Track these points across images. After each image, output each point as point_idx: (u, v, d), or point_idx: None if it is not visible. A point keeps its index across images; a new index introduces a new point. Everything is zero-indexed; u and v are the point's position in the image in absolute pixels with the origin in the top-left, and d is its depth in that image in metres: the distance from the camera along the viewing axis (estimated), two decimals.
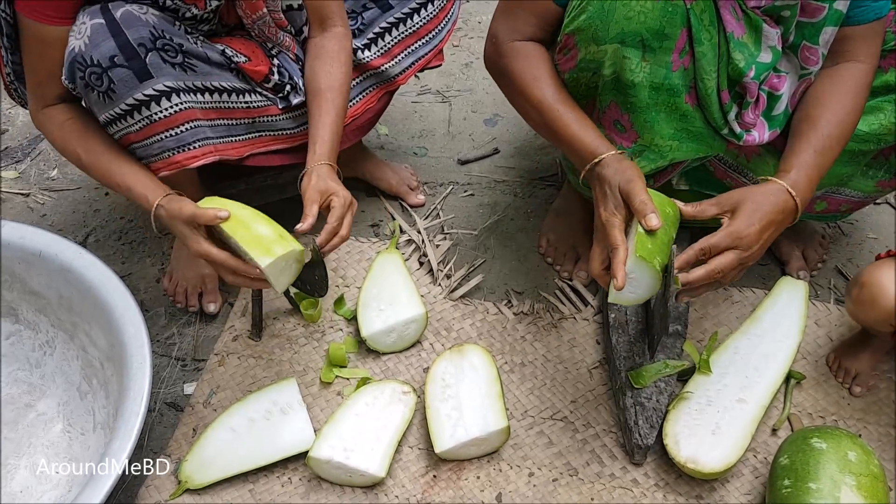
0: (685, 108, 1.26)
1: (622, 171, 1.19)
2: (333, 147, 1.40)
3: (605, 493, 1.36)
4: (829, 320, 1.59)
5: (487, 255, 1.75)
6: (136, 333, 1.32)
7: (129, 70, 1.24)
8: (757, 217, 1.16)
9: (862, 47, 1.25)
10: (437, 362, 1.46)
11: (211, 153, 1.40)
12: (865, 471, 1.19)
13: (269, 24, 1.42)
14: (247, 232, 1.26)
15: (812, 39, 1.26)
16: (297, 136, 1.54)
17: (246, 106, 1.43)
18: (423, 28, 1.60)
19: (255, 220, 1.29)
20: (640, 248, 1.13)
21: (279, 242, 1.27)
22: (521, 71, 1.31)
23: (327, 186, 1.34)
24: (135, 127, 1.31)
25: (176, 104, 1.31)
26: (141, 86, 1.26)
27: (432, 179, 1.94)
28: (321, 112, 1.41)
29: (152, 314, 1.65)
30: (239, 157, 1.46)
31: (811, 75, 1.29)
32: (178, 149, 1.35)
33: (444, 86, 2.20)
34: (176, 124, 1.33)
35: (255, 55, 1.42)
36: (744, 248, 1.16)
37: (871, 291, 1.27)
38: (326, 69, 1.43)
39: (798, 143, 1.24)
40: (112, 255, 1.78)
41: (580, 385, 1.51)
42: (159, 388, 1.53)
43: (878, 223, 1.80)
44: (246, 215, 1.30)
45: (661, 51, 1.20)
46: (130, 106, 1.27)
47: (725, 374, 1.42)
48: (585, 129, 1.26)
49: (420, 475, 1.39)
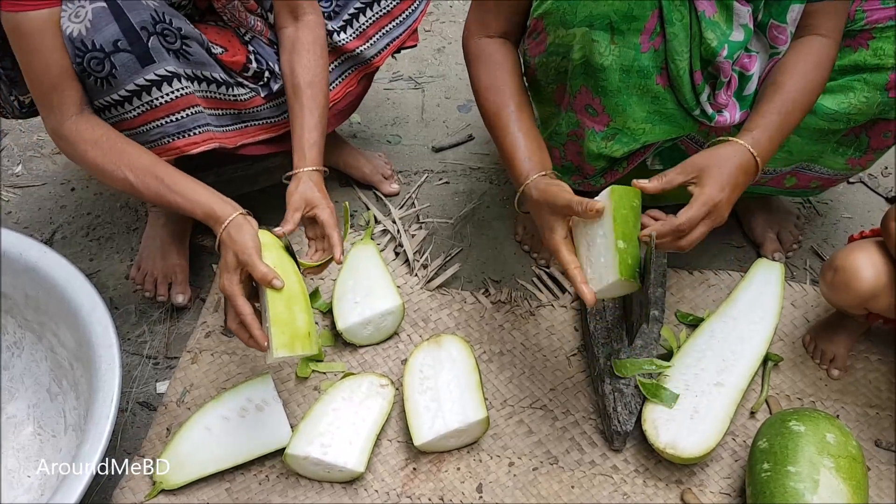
0: (656, 89, 1.25)
1: (546, 188, 1.19)
2: (321, 148, 1.38)
3: (586, 480, 1.36)
4: (806, 301, 1.59)
5: (464, 244, 1.74)
6: (104, 333, 1.29)
7: (131, 55, 1.20)
8: (725, 180, 1.16)
9: (826, 22, 1.24)
10: (415, 354, 1.44)
11: (211, 139, 1.37)
12: (844, 452, 1.20)
13: (239, 8, 1.39)
14: (284, 311, 1.19)
15: (780, 17, 1.25)
16: (280, 125, 1.52)
17: (234, 99, 1.41)
18: (396, 8, 1.58)
19: (296, 302, 1.22)
20: (623, 269, 1.12)
21: (303, 342, 1.19)
22: (479, 77, 1.33)
23: (313, 197, 1.32)
24: (132, 113, 1.27)
25: (177, 89, 1.28)
26: (143, 70, 1.22)
27: (406, 168, 1.92)
28: (304, 111, 1.37)
29: (122, 311, 1.61)
30: (234, 145, 1.44)
31: (780, 54, 1.28)
32: (179, 134, 1.32)
33: (417, 72, 2.17)
34: (177, 109, 1.30)
35: (230, 44, 1.40)
36: (716, 215, 1.16)
37: (846, 275, 1.27)
38: (304, 63, 1.40)
39: (760, 106, 1.24)
40: (80, 252, 1.74)
41: (559, 372, 1.50)
42: (131, 388, 1.50)
43: (852, 203, 1.81)
44: (294, 290, 1.23)
45: (630, 32, 1.18)
46: (130, 91, 1.24)
47: (703, 358, 1.42)
48: (523, 149, 1.26)
49: (400, 468, 1.37)
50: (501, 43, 1.33)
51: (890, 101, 1.30)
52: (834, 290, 1.32)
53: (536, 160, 1.25)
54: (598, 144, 1.33)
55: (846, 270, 1.28)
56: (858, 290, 1.26)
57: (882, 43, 1.26)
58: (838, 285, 1.30)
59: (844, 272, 1.28)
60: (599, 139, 1.33)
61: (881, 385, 1.46)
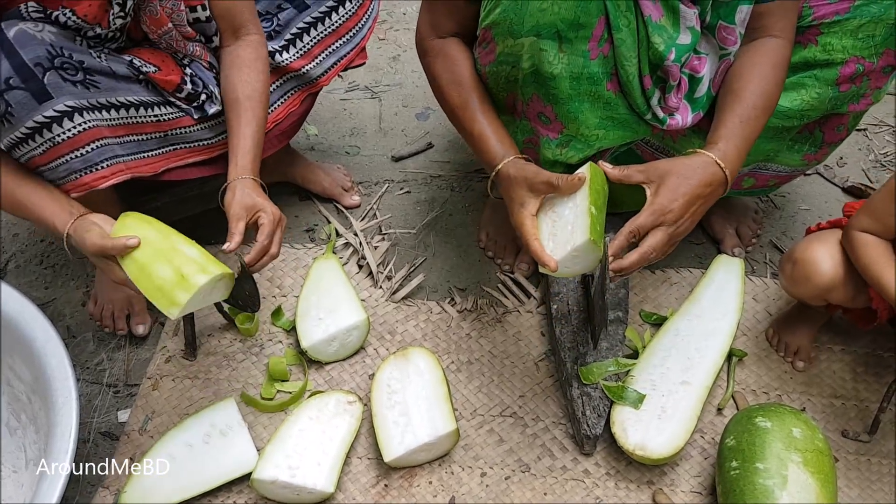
0: (608, 95, 1.25)
1: (524, 167, 1.23)
2: (255, 158, 1.35)
3: (558, 486, 1.35)
4: (767, 295, 1.60)
5: (427, 254, 1.73)
6: (60, 366, 1.26)
7: (26, 92, 1.17)
8: (681, 191, 1.16)
9: (777, 22, 1.25)
10: (382, 368, 1.43)
11: (122, 171, 1.33)
12: (811, 446, 1.20)
13: (177, 37, 1.35)
14: (148, 280, 1.18)
15: (728, 19, 1.25)
16: (216, 147, 1.47)
17: (156, 119, 1.36)
18: (342, 26, 1.56)
19: (159, 257, 1.19)
20: (593, 231, 1.13)
21: (182, 284, 1.17)
22: (438, 73, 1.34)
23: (253, 202, 1.29)
24: (38, 150, 1.23)
25: (79, 124, 1.24)
26: (41, 107, 1.19)
27: (367, 179, 1.90)
28: (240, 122, 1.36)
29: (80, 340, 1.58)
30: (154, 172, 1.40)
31: (730, 55, 1.29)
32: (86, 170, 1.28)
33: (373, 81, 2.16)
34: (81, 144, 1.26)
35: (164, 64, 1.35)
36: (670, 224, 1.16)
37: (805, 268, 1.29)
38: (243, 78, 1.38)
39: (724, 116, 1.24)
40: (34, 281, 1.69)
41: (527, 378, 1.50)
42: (92, 417, 1.46)
43: (809, 194, 1.83)
44: (156, 242, 1.21)
45: (578, 40, 1.18)
46: (31, 129, 1.20)
47: (668, 357, 1.42)
48: (493, 135, 1.29)
49: (371, 486, 1.36)
50: (456, 41, 1.34)
51: (841, 95, 1.31)
52: (793, 282, 1.33)
53: (507, 144, 1.28)
54: (553, 152, 1.33)
55: (805, 263, 1.29)
56: (818, 282, 1.28)
57: (830, 38, 1.27)
58: (798, 278, 1.31)
59: (803, 265, 1.29)
60: (554, 146, 1.32)
61: (845, 375, 1.48)
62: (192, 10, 1.34)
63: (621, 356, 1.44)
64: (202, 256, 1.22)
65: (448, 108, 1.35)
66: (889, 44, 1.25)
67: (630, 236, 1.16)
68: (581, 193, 1.18)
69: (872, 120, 2.00)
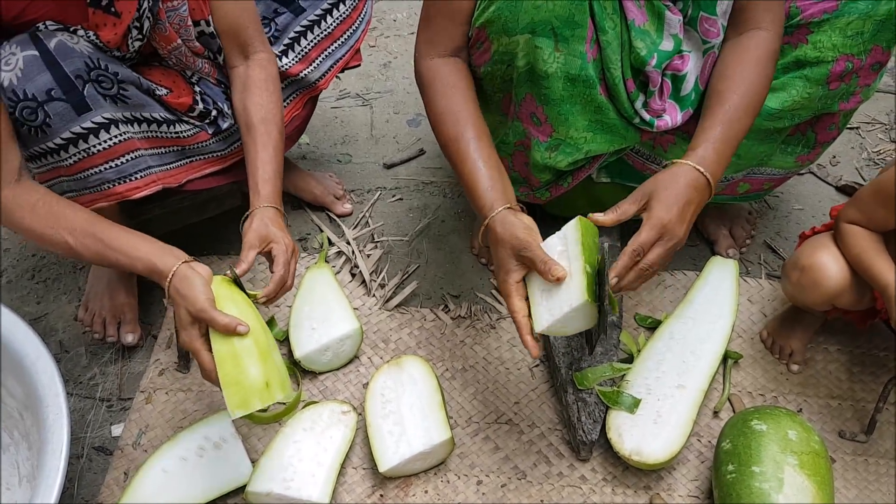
0: (600, 100, 1.24)
1: (513, 227, 1.16)
2: (276, 186, 1.34)
3: (555, 493, 1.35)
4: (762, 296, 1.60)
5: (421, 261, 1.72)
6: (50, 382, 1.25)
7: (66, 104, 1.18)
8: (672, 200, 1.14)
9: (764, 14, 1.24)
10: (376, 378, 1.42)
11: (154, 182, 1.36)
12: (807, 448, 1.20)
13: (186, 53, 1.36)
14: (232, 369, 1.14)
15: (709, 10, 1.25)
16: (228, 157, 1.49)
17: (176, 136, 1.38)
18: (337, 29, 1.56)
19: (247, 354, 1.15)
20: (590, 292, 1.10)
21: (261, 394, 1.13)
22: (433, 102, 1.28)
23: (268, 233, 1.29)
24: (68, 161, 1.24)
25: (115, 135, 1.26)
26: (79, 119, 1.20)
27: (359, 186, 1.90)
28: (258, 148, 1.34)
29: (73, 354, 1.57)
30: (178, 183, 1.42)
31: (714, 48, 1.28)
32: (119, 180, 1.30)
33: (364, 88, 2.15)
34: (116, 155, 1.28)
35: (175, 85, 1.37)
36: (670, 236, 1.15)
37: (813, 274, 1.27)
38: (256, 101, 1.37)
39: (705, 121, 1.23)
40: (26, 296, 1.69)
41: (522, 385, 1.49)
42: (85, 433, 1.46)
43: (802, 194, 1.82)
44: (246, 341, 1.15)
45: (574, 39, 1.17)
46: (66, 140, 1.21)
47: (663, 361, 1.42)
48: (484, 177, 1.21)
49: (366, 497, 1.35)
50: (454, 63, 1.29)
51: (831, 93, 1.31)
52: (801, 289, 1.31)
53: (499, 189, 1.21)
54: (543, 155, 1.32)
55: (813, 269, 1.28)
56: (827, 287, 1.27)
57: (821, 36, 1.26)
58: (806, 285, 1.30)
59: (811, 271, 1.28)
60: (543, 150, 1.32)
61: (841, 375, 1.47)
62: (196, 25, 1.34)
63: (616, 361, 1.43)
64: (284, 369, 1.20)
65: (441, 141, 1.28)
66: (877, 40, 1.25)
67: (634, 255, 1.13)
68: (573, 251, 1.13)
69: (865, 118, 1.99)
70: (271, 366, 1.17)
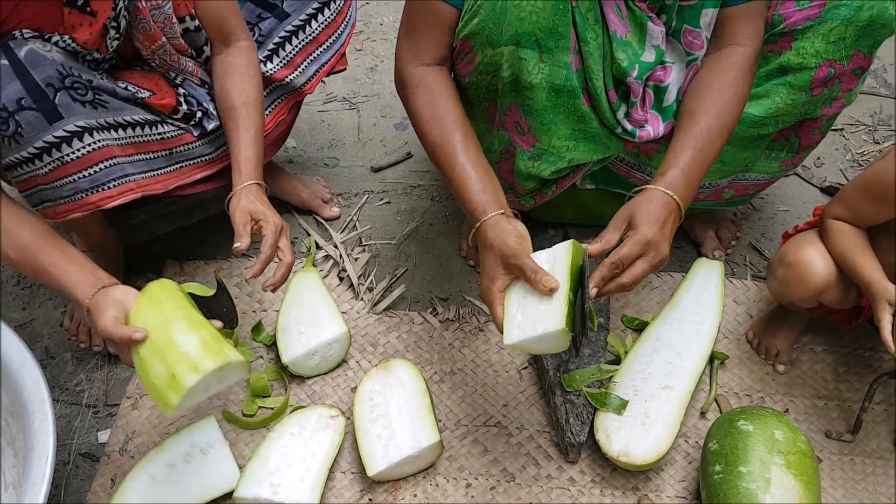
0: (583, 109, 1.25)
1: (504, 233, 1.15)
2: (257, 164, 1.35)
3: (543, 495, 1.35)
4: (748, 297, 1.61)
5: (409, 264, 1.72)
6: (36, 388, 1.24)
7: (37, 112, 1.17)
8: (654, 219, 1.14)
9: (743, 29, 1.24)
10: (364, 381, 1.42)
11: (132, 190, 1.34)
12: (793, 448, 1.21)
13: (170, 51, 1.36)
14: (146, 376, 1.11)
15: (693, 22, 1.25)
16: (217, 161, 1.49)
17: (160, 137, 1.37)
18: (322, 34, 1.56)
19: (154, 352, 1.11)
20: (569, 321, 1.08)
21: (171, 386, 1.09)
22: (418, 108, 1.27)
23: (255, 209, 1.30)
24: (43, 170, 1.23)
25: (89, 144, 1.24)
26: (51, 128, 1.19)
27: (346, 190, 1.89)
28: (239, 130, 1.36)
29: (59, 360, 1.56)
30: (165, 189, 1.41)
31: (698, 60, 1.29)
32: (92, 189, 1.28)
33: (351, 92, 2.15)
34: (90, 164, 1.26)
35: (158, 87, 1.37)
36: (655, 252, 1.14)
37: (800, 270, 1.28)
38: (238, 85, 1.38)
39: (676, 141, 1.22)
40: (12, 302, 1.67)
41: (511, 387, 1.49)
42: (72, 439, 1.45)
43: (787, 195, 1.84)
44: (155, 334, 1.13)
45: (558, 50, 1.18)
46: (39, 149, 1.20)
47: (650, 363, 1.42)
48: (475, 181, 1.20)
49: (355, 501, 1.35)
50: (438, 72, 1.28)
51: (814, 99, 1.32)
52: (787, 285, 1.32)
53: (491, 192, 1.20)
54: (526, 164, 1.33)
55: (799, 265, 1.29)
56: (813, 283, 1.28)
57: (804, 42, 1.27)
58: (792, 281, 1.31)
59: (797, 267, 1.29)
60: (527, 159, 1.32)
61: (827, 375, 1.48)
62: (181, 21, 1.34)
63: (604, 362, 1.43)
64: (201, 348, 1.12)
65: (429, 148, 1.27)
66: (859, 46, 1.26)
67: (613, 267, 1.13)
68: (561, 275, 1.11)
69: (849, 120, 2.01)
70: (175, 355, 1.11)
